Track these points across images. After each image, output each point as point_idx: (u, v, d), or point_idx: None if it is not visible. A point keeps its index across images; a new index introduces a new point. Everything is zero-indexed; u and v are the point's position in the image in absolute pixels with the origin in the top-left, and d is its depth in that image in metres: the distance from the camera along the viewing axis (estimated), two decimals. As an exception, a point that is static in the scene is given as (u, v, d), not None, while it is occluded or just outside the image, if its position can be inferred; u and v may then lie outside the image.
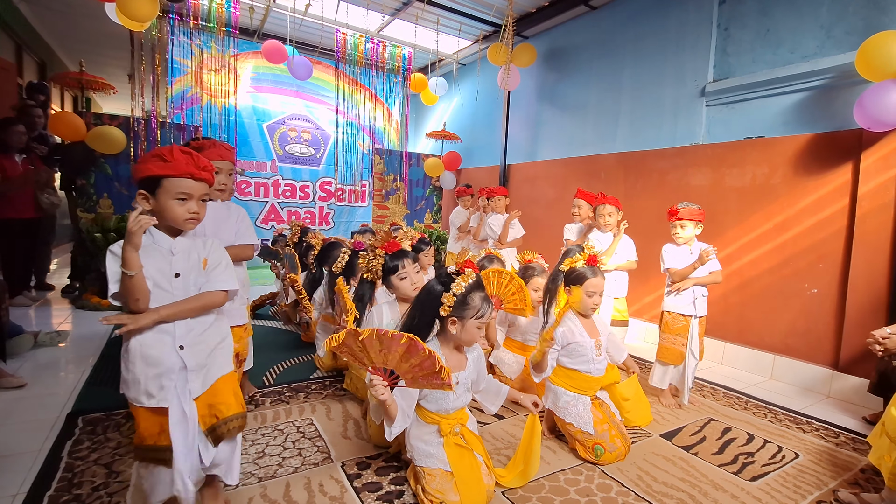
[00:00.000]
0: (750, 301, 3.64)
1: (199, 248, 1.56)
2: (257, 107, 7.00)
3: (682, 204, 2.82)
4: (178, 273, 1.49)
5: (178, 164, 1.45)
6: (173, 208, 1.46)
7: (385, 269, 2.36)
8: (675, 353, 2.79)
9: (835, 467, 2.19)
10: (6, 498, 1.70)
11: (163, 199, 1.46)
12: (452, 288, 1.81)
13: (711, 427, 2.56)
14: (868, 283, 3.00)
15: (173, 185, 1.45)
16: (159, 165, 1.44)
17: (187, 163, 1.46)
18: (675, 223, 2.83)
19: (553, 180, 5.57)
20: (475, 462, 1.83)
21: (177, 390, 1.45)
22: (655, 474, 2.06)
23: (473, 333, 1.83)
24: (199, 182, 1.50)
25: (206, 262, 1.56)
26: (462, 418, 1.93)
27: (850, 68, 3.04)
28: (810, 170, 3.30)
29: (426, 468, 1.79)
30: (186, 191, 1.47)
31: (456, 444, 1.84)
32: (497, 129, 6.39)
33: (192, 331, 1.51)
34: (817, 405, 2.98)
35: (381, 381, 1.60)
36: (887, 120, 2.73)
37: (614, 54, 4.96)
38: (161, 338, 1.46)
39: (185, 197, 1.47)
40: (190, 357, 1.49)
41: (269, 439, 2.23)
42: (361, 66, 7.16)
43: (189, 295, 1.51)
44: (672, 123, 4.37)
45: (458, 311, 1.80)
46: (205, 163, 1.52)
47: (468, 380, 1.92)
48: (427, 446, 1.84)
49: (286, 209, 7.37)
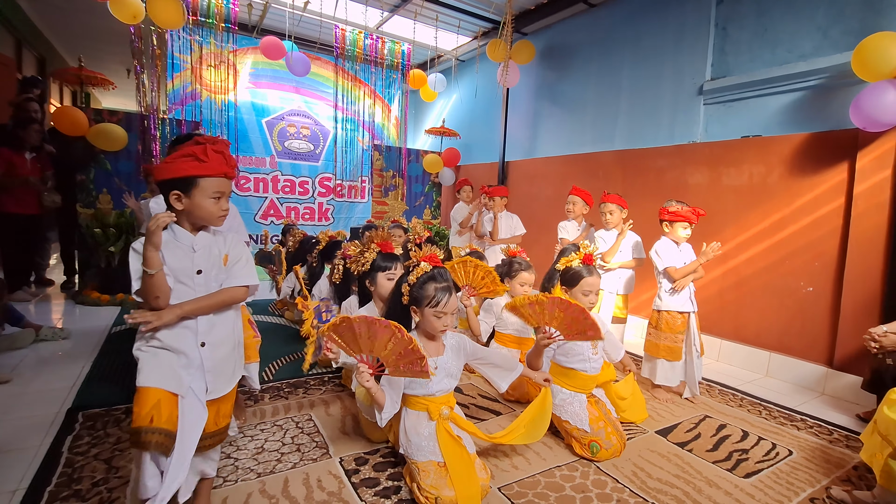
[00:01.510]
0: (746, 299, 3.66)
1: (220, 244, 1.58)
2: (256, 103, 6.99)
3: (672, 203, 2.84)
4: (201, 270, 1.51)
5: (214, 164, 1.47)
6: (209, 207, 1.49)
7: (375, 265, 2.43)
8: (673, 351, 2.81)
9: (828, 464, 2.21)
10: (6, 493, 1.71)
11: (198, 198, 1.48)
12: (409, 278, 1.94)
13: (706, 424, 2.58)
14: (863, 282, 3.02)
15: (210, 184, 1.48)
16: (195, 166, 1.46)
17: (221, 162, 1.49)
18: (678, 222, 2.84)
19: (552, 178, 5.58)
20: (468, 456, 1.86)
21: (193, 386, 1.48)
22: (650, 471, 2.08)
23: (432, 321, 1.91)
24: (230, 180, 1.55)
25: (227, 258, 1.58)
26: (449, 401, 1.98)
27: (846, 68, 3.05)
28: (806, 169, 3.32)
29: (419, 463, 1.82)
30: (222, 189, 1.51)
31: (447, 430, 1.88)
32: (496, 126, 6.39)
33: (214, 328, 1.53)
34: (812, 402, 3.01)
35: (367, 369, 1.73)
36: (883, 120, 2.75)
37: (613, 52, 4.96)
38: (184, 333, 1.48)
39: (220, 195, 1.51)
40: (209, 356, 1.51)
41: (268, 435, 2.25)
42: (360, 62, 7.14)
43: (210, 291, 1.52)
44: (670, 121, 4.38)
45: (415, 300, 1.92)
46: (234, 161, 1.56)
47: (448, 364, 1.97)
48: (419, 438, 1.87)
49: (286, 205, 7.37)
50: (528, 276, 2.83)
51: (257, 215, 7.08)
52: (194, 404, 1.47)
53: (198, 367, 1.49)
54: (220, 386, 1.56)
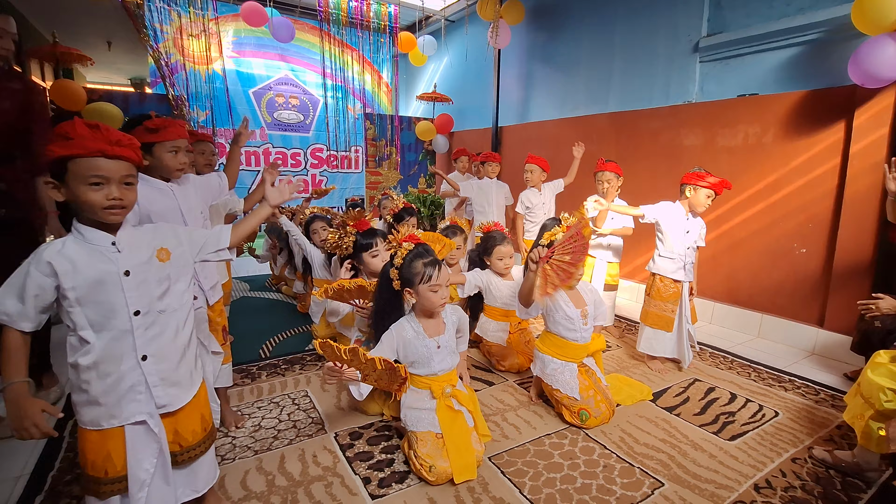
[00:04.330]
0: (739, 261, 3.67)
1: (149, 238, 1.34)
2: (242, 72, 6.81)
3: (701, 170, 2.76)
4: (128, 270, 1.25)
5: (85, 141, 1.16)
6: (87, 195, 1.19)
7: (358, 246, 2.46)
8: (664, 320, 2.81)
9: (812, 425, 2.27)
10: (10, 480, 1.77)
11: (74, 185, 1.19)
12: (394, 261, 1.94)
13: (696, 387, 2.63)
14: (856, 243, 3.01)
15: (82, 166, 1.18)
16: (62, 145, 1.16)
17: (95, 137, 1.18)
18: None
19: (545, 142, 5.49)
20: (466, 428, 1.90)
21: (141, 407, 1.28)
22: (637, 436, 2.14)
23: (429, 297, 1.91)
24: (115, 160, 1.21)
25: (170, 253, 1.36)
26: (452, 380, 2.01)
27: (845, 21, 2.94)
28: (802, 128, 3.25)
29: (418, 433, 1.87)
30: (100, 172, 1.19)
31: (448, 406, 1.92)
32: (488, 90, 6.24)
33: (154, 340, 1.30)
34: (801, 363, 3.06)
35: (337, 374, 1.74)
36: (882, 75, 2.67)
37: (605, 9, 4.78)
38: (117, 347, 1.25)
39: (100, 181, 1.20)
40: (153, 369, 1.29)
41: (265, 412, 2.30)
42: (346, 25, 6.91)
43: (152, 297, 1.29)
44: (665, 81, 4.27)
45: (407, 281, 1.91)
46: (118, 136, 1.22)
47: (450, 342, 2.00)
48: (419, 411, 1.92)
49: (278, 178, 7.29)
50: (505, 249, 2.81)
51: (250, 189, 7.02)
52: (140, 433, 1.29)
53: (141, 385, 1.28)
54: (176, 397, 1.35)
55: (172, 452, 1.36)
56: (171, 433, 1.36)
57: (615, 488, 1.78)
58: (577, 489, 1.77)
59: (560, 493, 1.75)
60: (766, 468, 1.92)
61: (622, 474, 1.86)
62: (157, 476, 1.32)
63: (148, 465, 1.29)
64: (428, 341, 1.94)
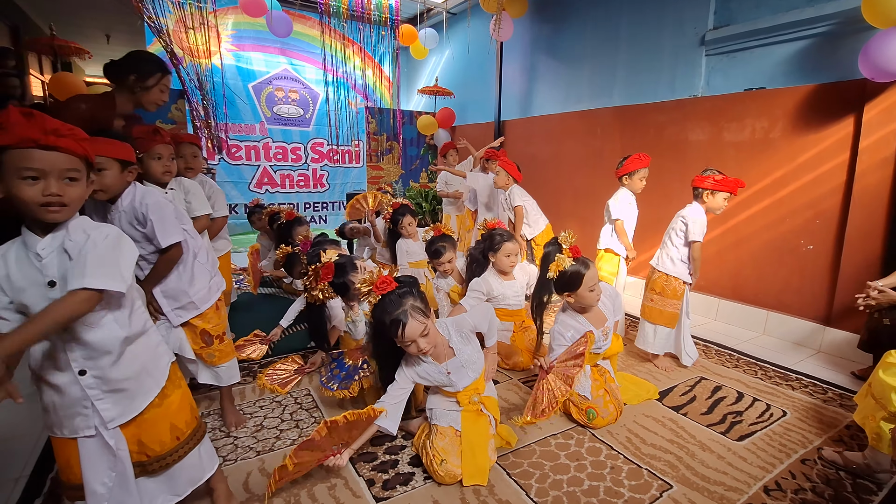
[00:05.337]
0: (745, 258, 3.63)
1: (66, 242, 1.15)
2: (241, 66, 6.76)
3: (715, 172, 2.73)
4: (54, 281, 1.13)
5: (15, 129, 1.04)
6: (20, 190, 1.07)
7: (338, 292, 2.37)
8: (672, 317, 2.80)
9: (821, 424, 2.24)
10: (9, 481, 1.74)
11: (8, 179, 1.07)
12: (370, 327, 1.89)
13: (702, 386, 2.60)
14: (864, 239, 2.97)
15: (15, 157, 1.06)
16: None
17: (28, 126, 1.05)
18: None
19: (549, 136, 5.44)
20: (486, 433, 1.89)
21: (88, 421, 1.21)
22: (644, 436, 2.11)
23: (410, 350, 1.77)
24: (51, 151, 1.09)
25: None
26: (479, 388, 1.94)
27: (856, 13, 2.88)
28: (810, 123, 3.20)
29: (440, 426, 1.87)
30: (33, 165, 1.07)
31: (475, 411, 1.91)
32: (491, 84, 6.17)
33: (93, 354, 1.20)
34: (807, 360, 3.03)
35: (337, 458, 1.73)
36: (893, 69, 2.61)
37: (610, 1, 4.71)
38: (51, 360, 1.17)
39: (35, 174, 1.08)
40: (94, 384, 1.20)
41: (267, 412, 2.27)
42: (347, 18, 6.83)
43: None
44: (670, 75, 4.21)
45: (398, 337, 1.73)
46: (55, 125, 1.09)
47: (462, 358, 1.89)
48: (447, 411, 1.92)
49: (279, 172, 7.25)
50: (513, 247, 2.74)
51: (251, 184, 6.98)
52: (94, 445, 1.23)
53: (84, 398, 1.20)
54: (127, 408, 1.26)
55: (140, 462, 1.30)
56: (134, 443, 1.29)
57: (623, 490, 1.75)
58: (584, 491, 1.75)
59: (567, 496, 1.72)
60: (776, 470, 1.89)
61: (630, 476, 1.84)
62: (118, 488, 1.25)
63: (105, 479, 1.24)
64: (440, 367, 1.87)
